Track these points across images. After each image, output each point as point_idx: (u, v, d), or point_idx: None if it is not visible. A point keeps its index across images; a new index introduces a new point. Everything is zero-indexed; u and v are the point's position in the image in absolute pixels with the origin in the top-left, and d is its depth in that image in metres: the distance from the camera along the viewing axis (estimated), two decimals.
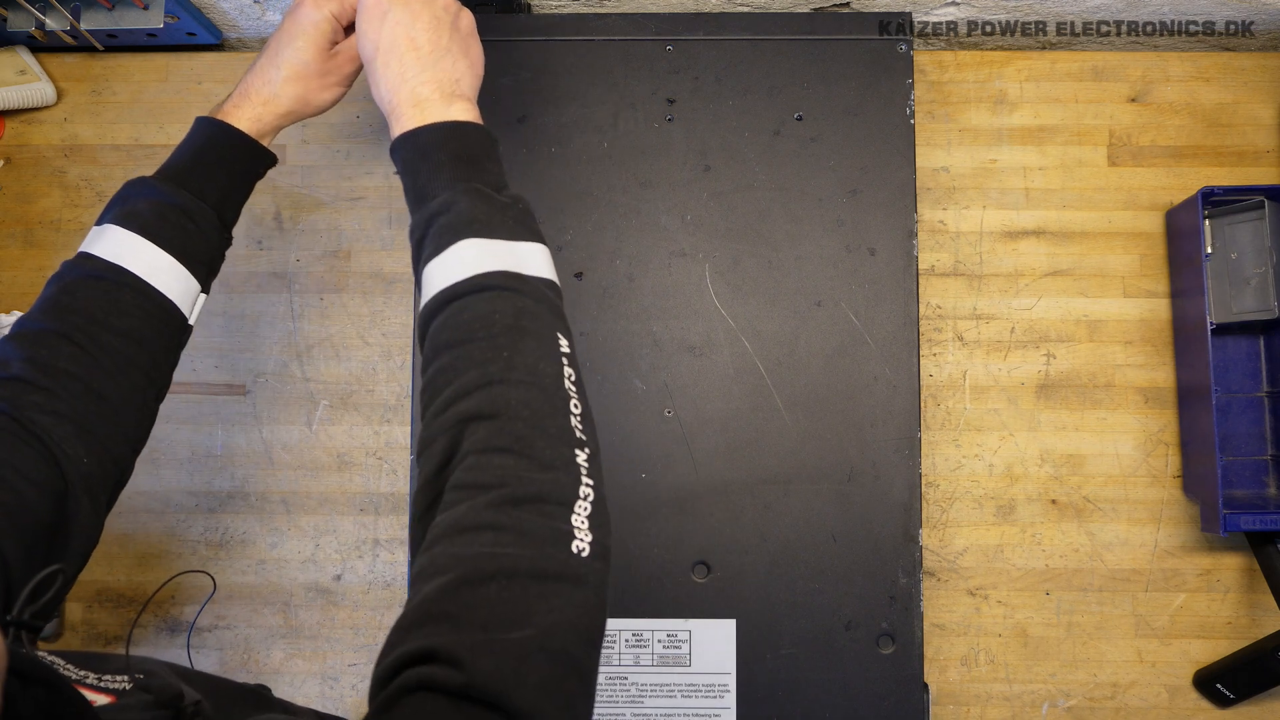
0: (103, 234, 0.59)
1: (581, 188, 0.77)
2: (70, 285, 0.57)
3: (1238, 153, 0.83)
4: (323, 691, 0.79)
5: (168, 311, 0.59)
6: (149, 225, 0.59)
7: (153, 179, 0.61)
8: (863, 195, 0.77)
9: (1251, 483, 0.80)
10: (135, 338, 0.57)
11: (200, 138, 0.63)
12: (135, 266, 0.58)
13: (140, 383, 0.57)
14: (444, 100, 0.57)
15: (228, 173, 0.63)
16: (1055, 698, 0.78)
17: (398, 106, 0.57)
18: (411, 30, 0.58)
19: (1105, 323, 0.81)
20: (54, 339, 0.55)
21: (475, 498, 0.45)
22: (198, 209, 0.61)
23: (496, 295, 0.51)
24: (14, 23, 0.81)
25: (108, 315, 0.56)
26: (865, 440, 0.74)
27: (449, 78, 0.58)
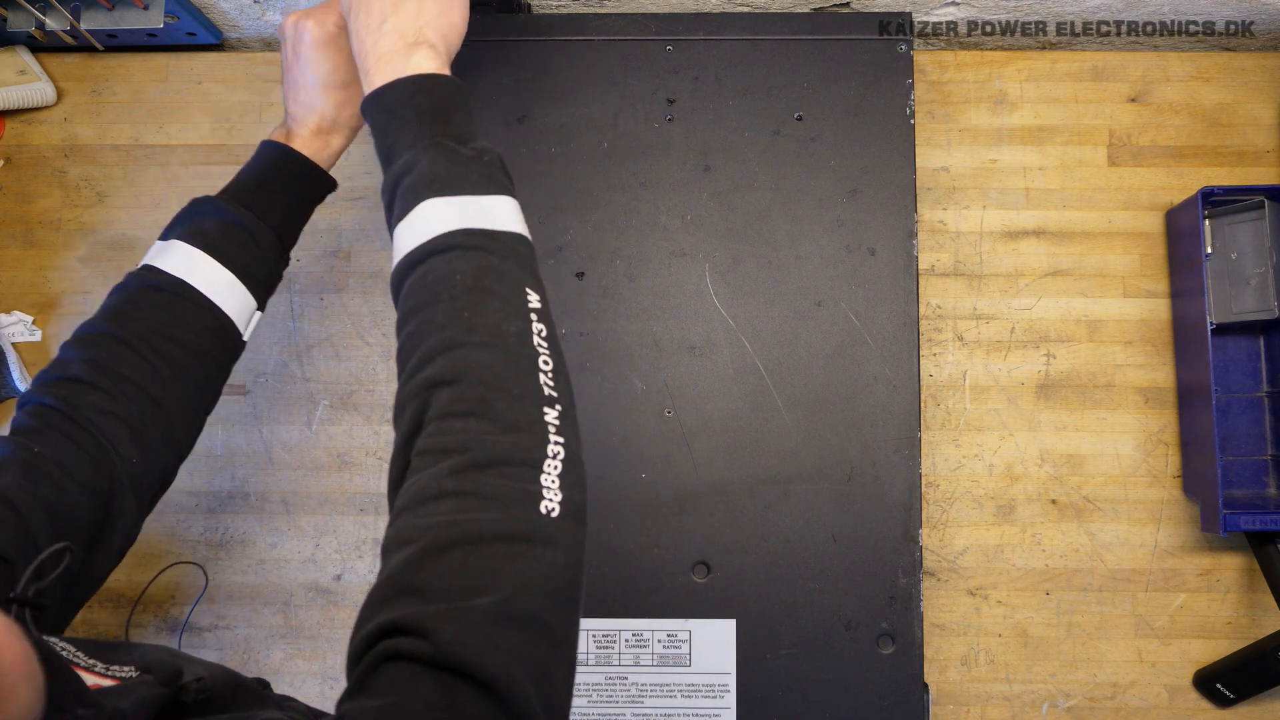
0: (168, 249, 0.60)
1: (581, 188, 0.77)
2: (134, 296, 0.59)
3: (1238, 153, 0.83)
4: (323, 691, 0.79)
5: (225, 327, 0.61)
6: (214, 243, 0.60)
7: (218, 199, 0.62)
8: (863, 195, 0.77)
9: (1251, 483, 0.80)
10: (193, 350, 0.59)
11: (266, 161, 0.64)
12: (198, 282, 0.59)
13: (193, 394, 0.59)
14: (405, 50, 0.55)
15: (289, 196, 0.64)
16: (1055, 698, 0.78)
17: (364, 62, 0.56)
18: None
19: (1105, 323, 0.81)
20: (115, 344, 0.56)
21: (438, 464, 0.44)
22: (260, 230, 0.62)
23: (459, 255, 0.50)
24: (14, 23, 0.81)
25: (169, 327, 0.58)
26: (865, 440, 0.74)
27: (411, 25, 0.56)
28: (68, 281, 0.84)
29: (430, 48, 0.56)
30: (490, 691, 0.38)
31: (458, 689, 0.38)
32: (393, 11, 0.56)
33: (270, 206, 0.63)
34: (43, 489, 0.50)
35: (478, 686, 0.38)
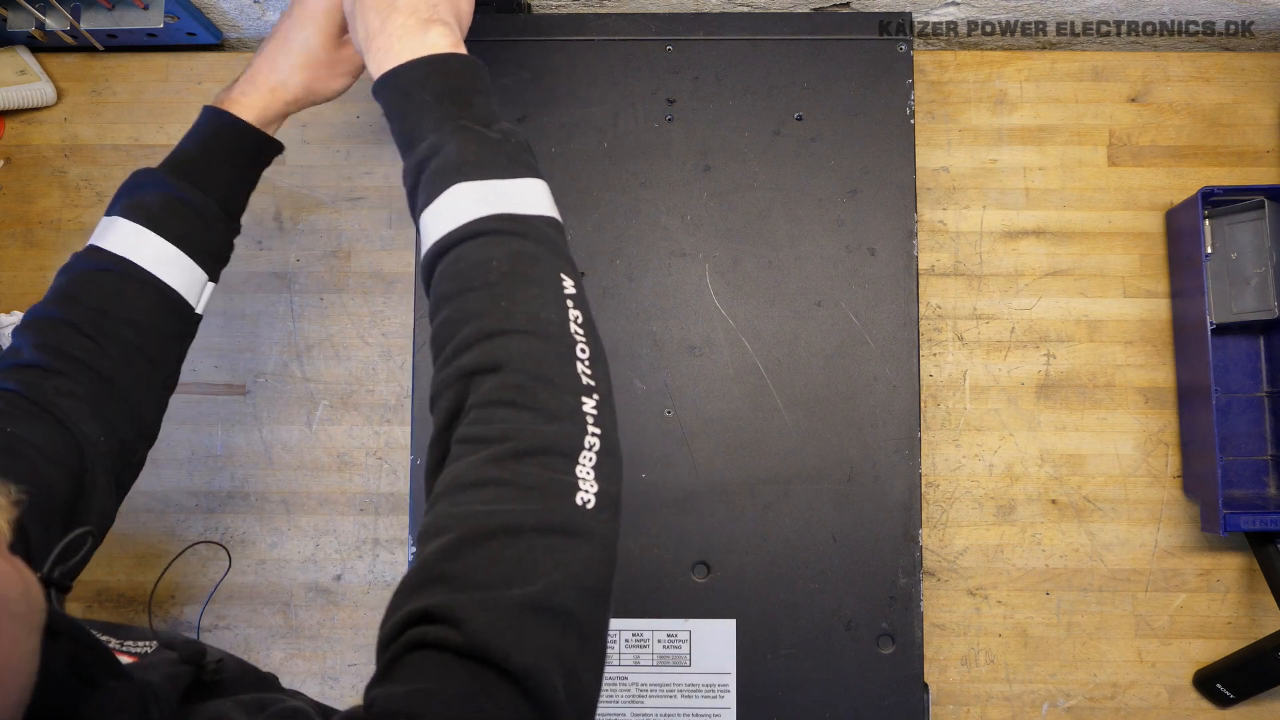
0: (111, 226, 0.60)
1: (581, 188, 0.77)
2: (79, 277, 0.58)
3: (1238, 153, 0.83)
4: (323, 691, 0.79)
5: (173, 302, 0.60)
6: (155, 218, 0.59)
7: (159, 170, 0.61)
8: (863, 195, 0.77)
9: (1251, 483, 0.80)
10: (142, 328, 0.58)
11: (206, 129, 0.63)
12: (141, 259, 0.59)
13: (148, 370, 0.59)
14: (420, 27, 0.54)
15: (233, 164, 0.63)
16: (1055, 698, 0.78)
17: (373, 39, 0.54)
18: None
19: (1105, 323, 0.81)
20: (64, 327, 0.56)
21: (477, 452, 0.44)
22: (203, 202, 0.61)
23: (492, 240, 0.49)
24: (14, 23, 0.81)
25: (115, 307, 0.57)
26: (865, 440, 0.74)
27: (424, 2, 0.55)
28: None
29: (445, 25, 0.55)
30: (518, 683, 0.38)
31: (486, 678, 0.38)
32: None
33: (213, 177, 0.62)
34: (21, 468, 0.50)
35: (506, 677, 0.38)
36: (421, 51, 0.53)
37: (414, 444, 0.75)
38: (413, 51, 0.53)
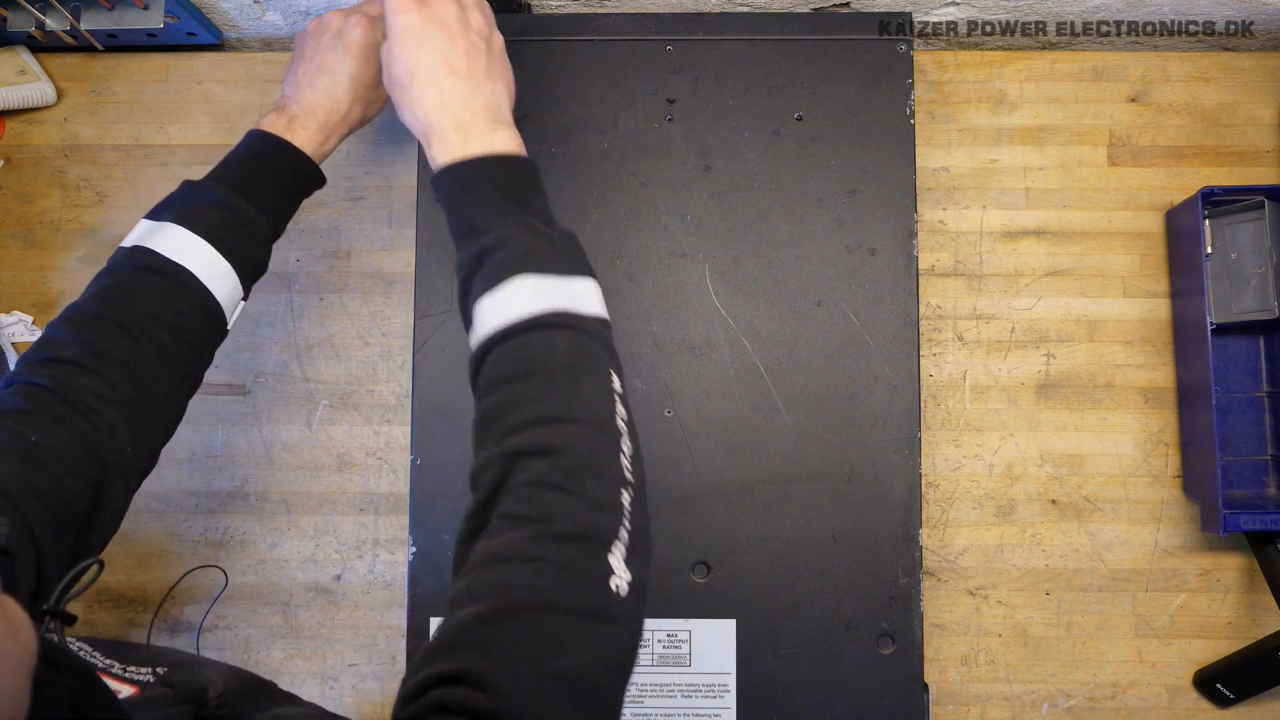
0: (162, 231, 0.60)
1: (581, 188, 0.77)
2: (128, 277, 0.59)
3: (1238, 153, 0.83)
4: (323, 691, 0.79)
5: (214, 314, 0.61)
6: (212, 229, 0.60)
7: (215, 183, 0.62)
8: (863, 195, 0.77)
9: (1251, 483, 0.80)
10: (183, 335, 0.59)
11: (261, 152, 0.64)
12: (195, 267, 0.59)
13: (180, 379, 0.59)
14: (488, 127, 0.57)
15: (283, 187, 0.65)
16: (1055, 698, 0.78)
17: (437, 132, 0.57)
18: (450, 55, 0.57)
19: (1105, 323, 0.81)
20: (108, 326, 0.56)
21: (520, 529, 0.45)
22: (256, 220, 0.62)
23: (553, 333, 0.51)
24: (14, 23, 0.81)
25: (162, 311, 0.58)
26: (865, 440, 0.74)
27: (490, 103, 0.58)
28: (68, 281, 0.84)
29: (509, 127, 0.58)
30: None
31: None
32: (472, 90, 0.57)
33: (265, 197, 0.63)
34: (40, 480, 0.50)
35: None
36: (489, 149, 0.56)
37: (414, 444, 0.75)
38: (482, 148, 0.56)
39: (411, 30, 0.58)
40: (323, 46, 0.66)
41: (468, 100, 0.57)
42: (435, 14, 0.58)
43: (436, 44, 0.57)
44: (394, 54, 0.58)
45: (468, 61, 0.58)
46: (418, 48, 0.58)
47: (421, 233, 0.77)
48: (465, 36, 0.58)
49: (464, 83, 0.57)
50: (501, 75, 0.60)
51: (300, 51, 0.68)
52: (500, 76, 0.60)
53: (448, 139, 0.56)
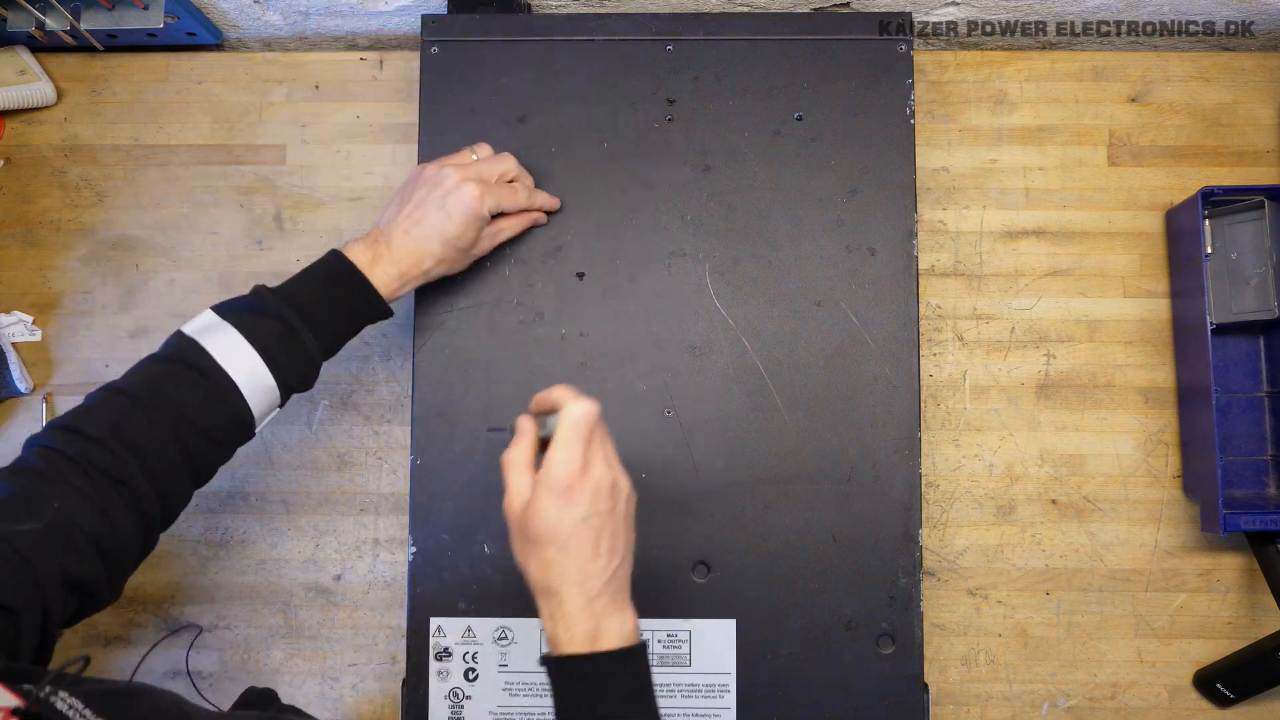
0: (220, 331, 0.61)
1: (581, 188, 0.77)
2: (175, 371, 0.60)
3: (1238, 153, 0.83)
4: (322, 691, 0.79)
5: (246, 424, 0.62)
6: (268, 345, 0.61)
7: (281, 300, 0.63)
8: (863, 195, 0.77)
9: (1251, 483, 0.80)
10: (210, 439, 0.60)
11: (338, 278, 0.65)
12: (240, 380, 0.60)
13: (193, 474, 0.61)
14: (617, 614, 0.56)
15: (349, 321, 0.66)
16: (1055, 698, 0.78)
17: (566, 610, 0.55)
18: (598, 533, 0.56)
19: (1105, 323, 0.81)
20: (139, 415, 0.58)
21: None
22: (312, 346, 0.63)
23: None
24: (14, 23, 0.81)
25: (196, 413, 0.59)
26: (865, 440, 0.74)
27: (622, 584, 0.57)
28: (68, 281, 0.84)
29: (629, 604, 0.57)
30: None
31: None
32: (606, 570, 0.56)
33: (327, 325, 0.64)
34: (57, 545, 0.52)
35: None
36: (620, 640, 0.55)
37: (414, 444, 0.75)
38: (609, 642, 0.55)
39: (570, 495, 0.56)
40: (431, 201, 0.67)
41: (604, 583, 0.56)
42: (594, 482, 0.56)
43: (592, 519, 0.56)
44: (539, 508, 0.56)
45: (611, 541, 0.56)
46: (571, 516, 0.55)
47: None
48: (614, 513, 0.57)
49: (605, 563, 0.56)
50: (630, 546, 0.59)
51: (408, 191, 0.69)
52: (630, 548, 0.59)
53: (575, 622, 0.55)
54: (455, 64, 0.78)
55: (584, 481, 0.56)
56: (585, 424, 0.57)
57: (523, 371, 0.75)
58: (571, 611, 0.55)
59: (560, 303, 0.76)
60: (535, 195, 0.74)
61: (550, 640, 0.56)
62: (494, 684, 0.73)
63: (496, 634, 0.74)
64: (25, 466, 0.55)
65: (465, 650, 0.73)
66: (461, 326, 0.76)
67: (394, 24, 0.87)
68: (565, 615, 0.55)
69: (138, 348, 0.83)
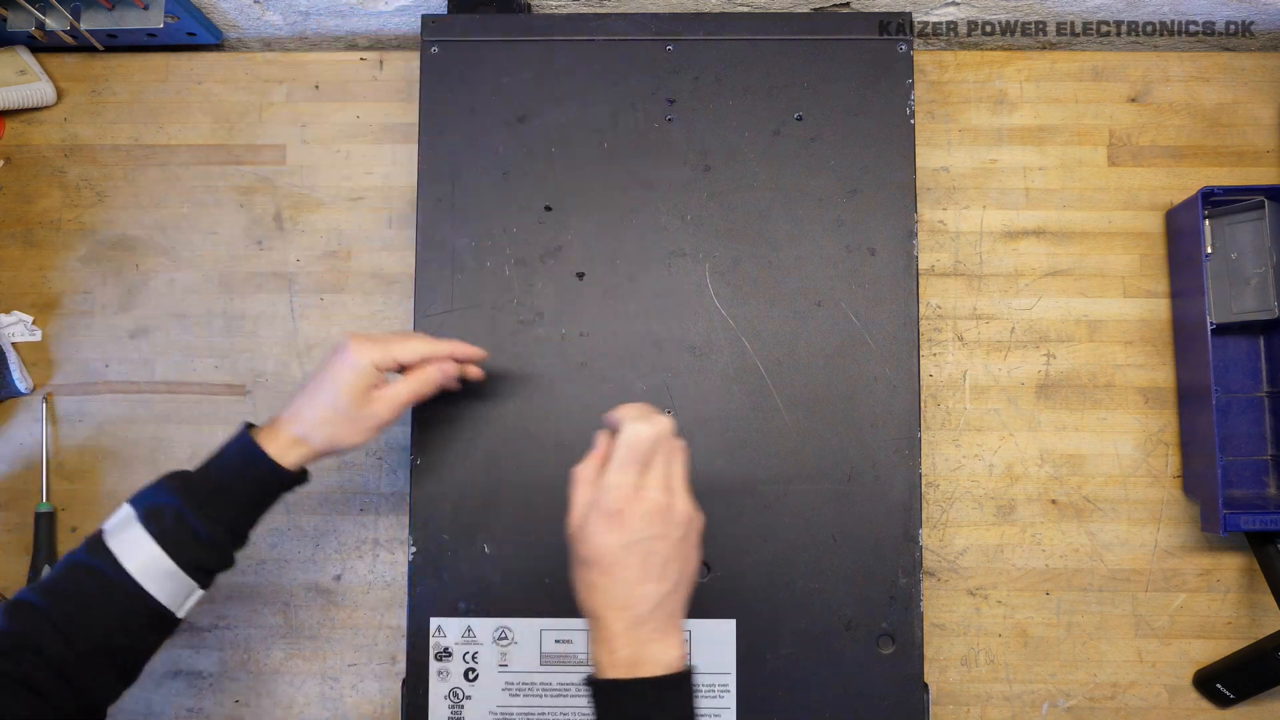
0: (126, 527, 0.60)
1: (581, 188, 0.77)
2: (74, 569, 0.60)
3: (1238, 153, 0.83)
4: (322, 691, 0.79)
5: (154, 612, 0.60)
6: (166, 533, 0.60)
7: (180, 489, 0.62)
8: (863, 195, 0.77)
9: (1251, 483, 0.80)
10: (123, 630, 0.59)
11: (235, 458, 0.64)
12: (139, 573, 0.59)
13: (112, 665, 0.60)
14: (662, 639, 0.55)
15: (252, 497, 0.64)
16: (1055, 698, 0.78)
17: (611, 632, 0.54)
18: (648, 558, 0.55)
19: (1105, 323, 0.82)
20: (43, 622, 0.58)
21: None
22: (211, 531, 0.61)
23: None
24: (14, 23, 0.81)
25: (101, 615, 0.59)
26: (865, 440, 0.74)
27: (671, 611, 0.56)
28: (68, 281, 0.84)
29: (679, 631, 0.56)
30: None
31: None
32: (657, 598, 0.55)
33: (229, 508, 0.63)
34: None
35: None
36: (663, 668, 0.54)
37: (414, 444, 0.75)
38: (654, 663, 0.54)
39: (619, 519, 0.55)
40: (321, 362, 0.66)
41: (650, 610, 0.54)
42: (647, 507, 0.55)
43: (639, 544, 0.55)
44: (590, 533, 0.55)
45: (663, 568, 0.55)
46: (617, 540, 0.55)
47: (421, 233, 0.77)
48: (668, 538, 0.56)
49: (653, 589, 0.55)
50: (688, 573, 0.57)
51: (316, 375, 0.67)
52: (687, 576, 0.57)
53: (617, 646, 0.54)
54: (455, 64, 0.78)
55: (635, 505, 0.55)
56: (641, 446, 0.56)
57: (523, 371, 0.75)
58: (613, 636, 0.54)
59: (560, 303, 0.76)
60: (443, 344, 0.68)
61: (594, 662, 0.55)
62: (494, 684, 0.73)
63: (496, 634, 0.74)
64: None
65: (465, 650, 0.73)
66: (461, 326, 0.76)
67: (394, 24, 0.87)
68: (607, 639, 0.54)
69: (138, 347, 0.83)
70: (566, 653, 0.74)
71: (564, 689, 0.73)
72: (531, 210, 0.77)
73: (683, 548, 0.57)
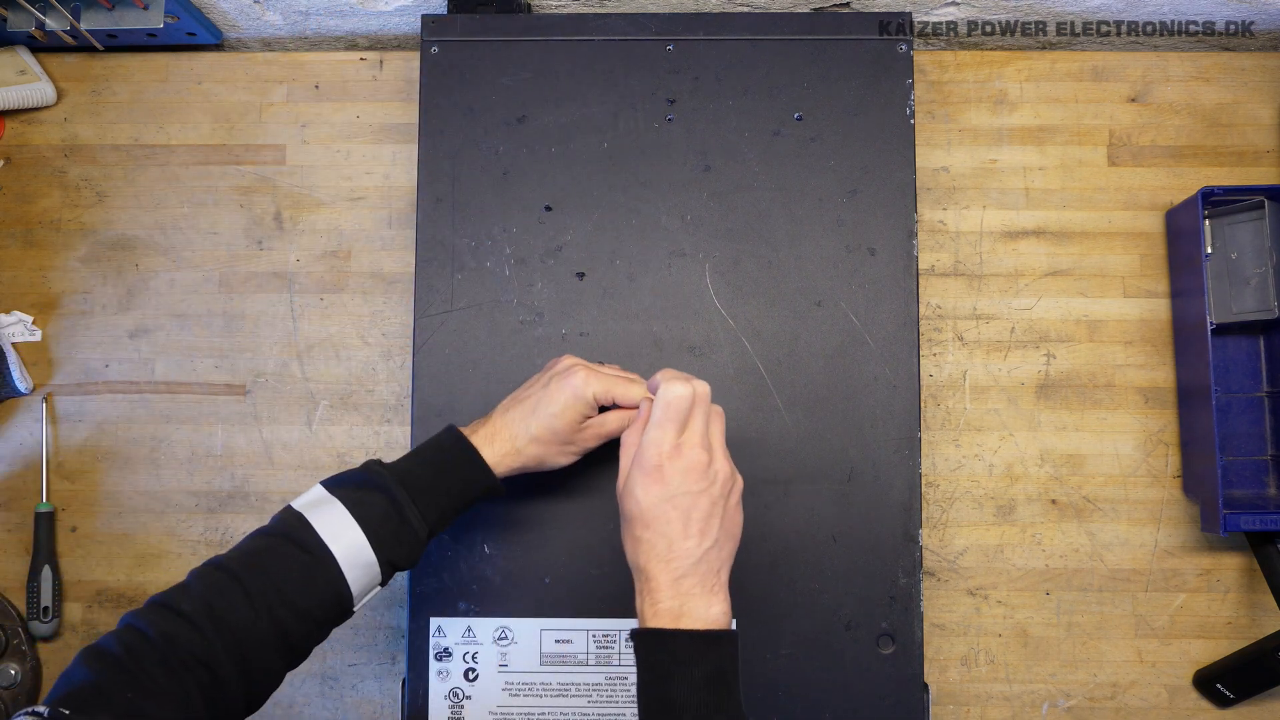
0: (328, 507, 0.59)
1: (581, 188, 0.77)
2: (276, 545, 0.58)
3: (1238, 153, 0.83)
4: (323, 691, 0.79)
5: (344, 601, 0.59)
6: (372, 521, 0.59)
7: (394, 481, 0.61)
8: (863, 195, 0.77)
9: (1251, 483, 0.80)
10: (307, 617, 0.58)
11: (446, 454, 0.63)
12: (340, 554, 0.58)
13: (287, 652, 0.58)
14: (705, 595, 0.56)
15: (460, 494, 0.63)
16: (1055, 698, 0.78)
17: (653, 585, 0.56)
18: (689, 513, 0.56)
19: (1105, 323, 0.81)
20: (236, 592, 0.56)
21: None
22: (419, 527, 0.61)
23: None
24: (14, 23, 0.81)
25: (294, 590, 0.57)
26: (865, 440, 0.74)
27: (713, 568, 0.57)
28: (68, 281, 0.84)
29: (724, 591, 0.58)
30: None
31: None
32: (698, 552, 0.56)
33: (436, 501, 0.62)
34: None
35: None
36: (704, 623, 0.56)
37: (414, 444, 0.75)
38: (695, 617, 0.55)
39: (658, 474, 0.57)
40: (538, 380, 0.65)
41: (692, 564, 0.56)
42: (686, 463, 0.57)
43: (679, 498, 0.56)
44: (632, 488, 0.57)
45: (704, 523, 0.57)
46: (658, 494, 0.56)
47: (421, 233, 0.77)
48: (709, 494, 0.57)
49: (695, 544, 0.56)
50: (730, 534, 0.59)
51: (533, 377, 0.67)
52: (730, 536, 0.59)
53: (660, 598, 0.56)
54: (455, 64, 0.78)
55: (674, 462, 0.57)
56: (679, 405, 0.58)
57: (523, 371, 0.75)
58: (657, 588, 0.56)
59: (560, 303, 0.76)
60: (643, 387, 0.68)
61: (639, 617, 0.57)
62: (494, 684, 0.73)
63: (496, 634, 0.74)
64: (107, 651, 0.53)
65: (465, 650, 0.73)
66: (461, 326, 0.76)
67: (394, 24, 0.87)
68: (651, 591, 0.56)
69: (138, 348, 0.83)
70: (566, 653, 0.74)
71: (564, 689, 0.73)
72: (531, 210, 0.77)
73: (724, 506, 0.58)
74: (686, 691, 0.54)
